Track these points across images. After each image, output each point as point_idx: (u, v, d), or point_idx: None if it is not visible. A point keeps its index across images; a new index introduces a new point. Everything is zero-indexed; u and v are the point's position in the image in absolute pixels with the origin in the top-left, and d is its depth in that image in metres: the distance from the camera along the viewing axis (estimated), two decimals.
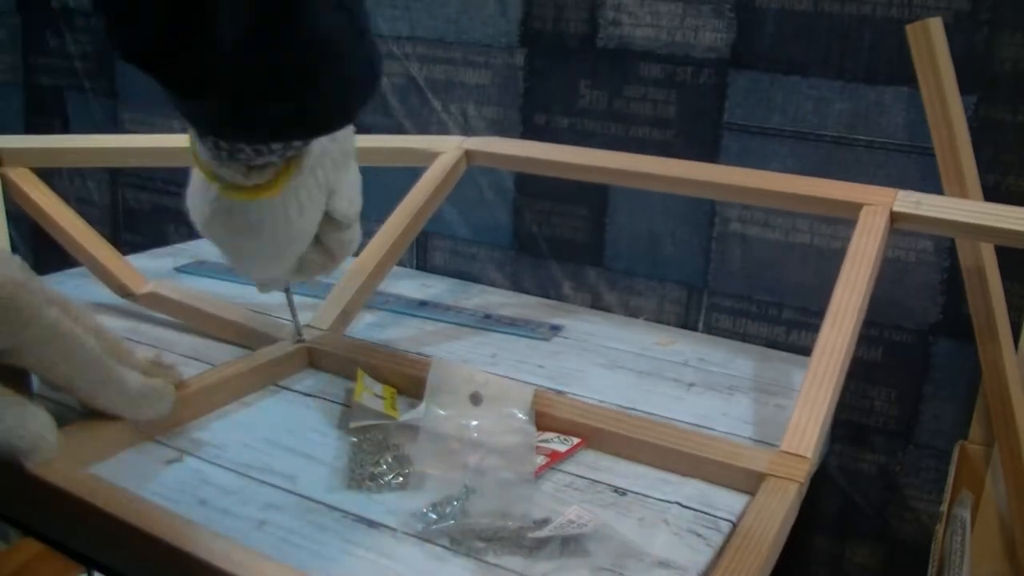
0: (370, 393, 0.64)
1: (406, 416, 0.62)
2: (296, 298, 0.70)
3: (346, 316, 0.76)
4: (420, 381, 0.64)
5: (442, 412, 0.63)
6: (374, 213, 0.94)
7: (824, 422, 0.58)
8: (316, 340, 0.72)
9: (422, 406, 0.63)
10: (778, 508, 0.52)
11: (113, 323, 0.79)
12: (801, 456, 0.56)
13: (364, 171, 0.63)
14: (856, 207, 0.70)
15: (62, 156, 0.90)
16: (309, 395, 0.68)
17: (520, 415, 0.62)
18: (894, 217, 0.69)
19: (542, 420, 0.63)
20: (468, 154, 0.87)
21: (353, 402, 0.64)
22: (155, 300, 0.79)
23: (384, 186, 0.64)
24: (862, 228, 0.68)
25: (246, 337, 0.75)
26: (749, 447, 0.61)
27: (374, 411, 0.62)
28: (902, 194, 0.70)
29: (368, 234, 0.85)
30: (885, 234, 0.68)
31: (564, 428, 0.62)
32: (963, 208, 0.67)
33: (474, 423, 0.62)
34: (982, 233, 0.67)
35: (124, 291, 0.79)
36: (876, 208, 0.69)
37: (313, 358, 0.72)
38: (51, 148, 0.87)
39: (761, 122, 0.85)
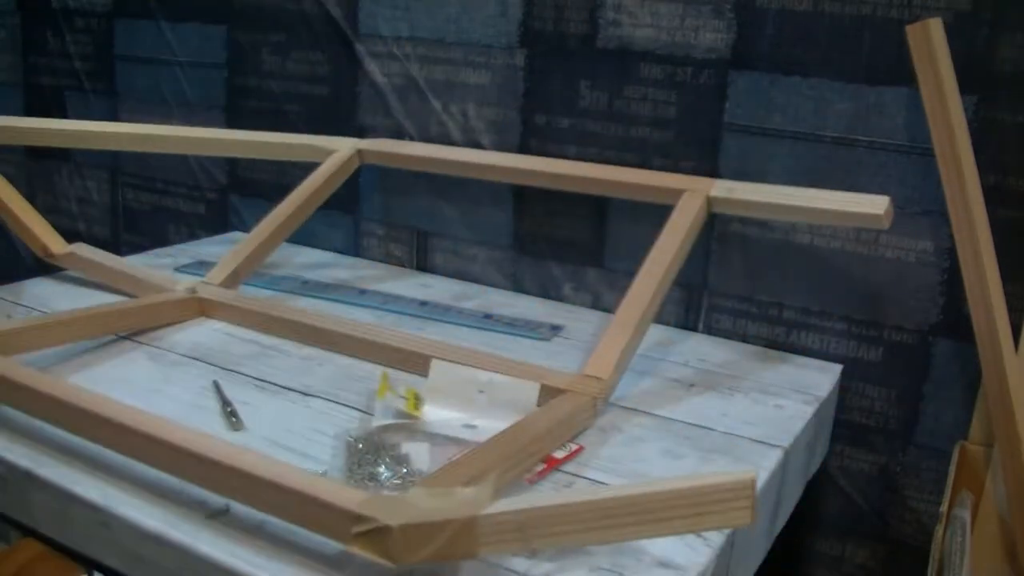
0: (393, 394, 0.65)
1: (423, 418, 0.63)
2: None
3: (236, 276, 0.87)
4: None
5: (444, 412, 0.63)
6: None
7: (621, 356, 0.69)
8: (208, 292, 0.82)
9: (425, 407, 0.63)
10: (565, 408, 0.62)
11: None
12: (598, 378, 0.67)
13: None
14: (677, 193, 0.82)
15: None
16: (309, 395, 0.68)
17: (523, 414, 0.62)
18: (711, 201, 0.81)
19: None
20: (360, 153, 0.99)
21: (377, 401, 0.64)
22: (74, 260, 0.88)
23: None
24: (680, 208, 0.80)
25: (147, 291, 0.83)
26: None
27: (397, 410, 0.63)
28: (719, 183, 0.82)
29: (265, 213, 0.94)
30: (701, 212, 0.80)
31: None
32: (768, 192, 0.79)
33: (475, 423, 0.62)
34: (783, 212, 0.79)
35: (45, 251, 0.88)
36: (694, 193, 0.81)
37: (204, 308, 0.83)
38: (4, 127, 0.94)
39: (761, 122, 0.85)
